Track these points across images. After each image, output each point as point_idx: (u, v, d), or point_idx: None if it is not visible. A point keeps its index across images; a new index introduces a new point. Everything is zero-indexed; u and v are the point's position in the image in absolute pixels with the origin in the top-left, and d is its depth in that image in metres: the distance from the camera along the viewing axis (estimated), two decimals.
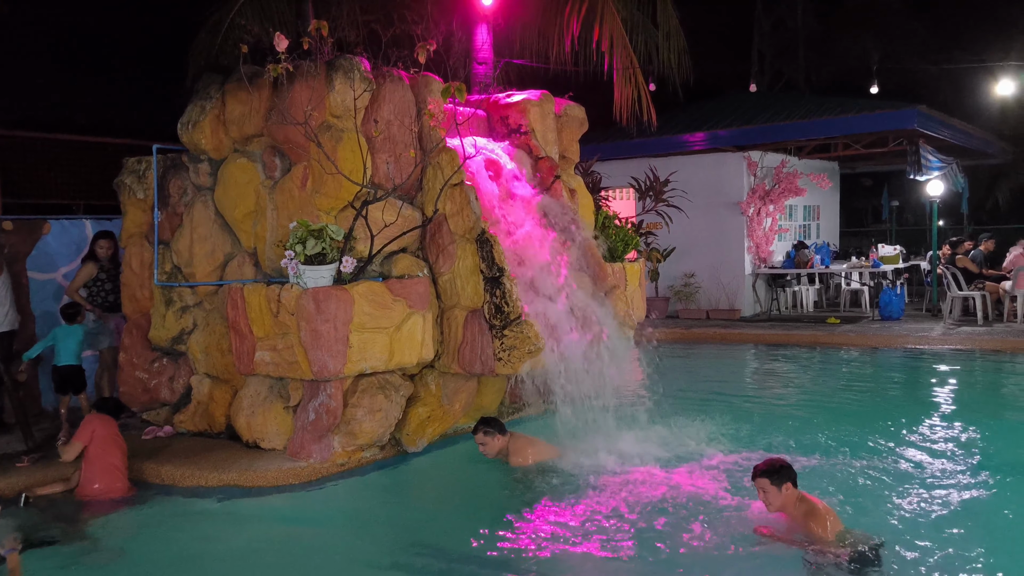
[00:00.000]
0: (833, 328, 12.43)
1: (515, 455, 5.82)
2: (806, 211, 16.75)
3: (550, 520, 4.87)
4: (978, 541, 4.46)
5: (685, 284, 14.48)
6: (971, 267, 13.09)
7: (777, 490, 4.32)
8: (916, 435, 6.70)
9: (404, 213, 6.05)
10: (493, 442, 5.83)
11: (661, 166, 13.79)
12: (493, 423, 5.90)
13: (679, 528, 4.67)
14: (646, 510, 4.94)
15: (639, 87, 9.40)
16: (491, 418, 6.02)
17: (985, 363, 9.97)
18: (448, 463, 6.31)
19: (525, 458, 5.78)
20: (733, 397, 8.63)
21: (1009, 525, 4.77)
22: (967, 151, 16.25)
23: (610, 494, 5.25)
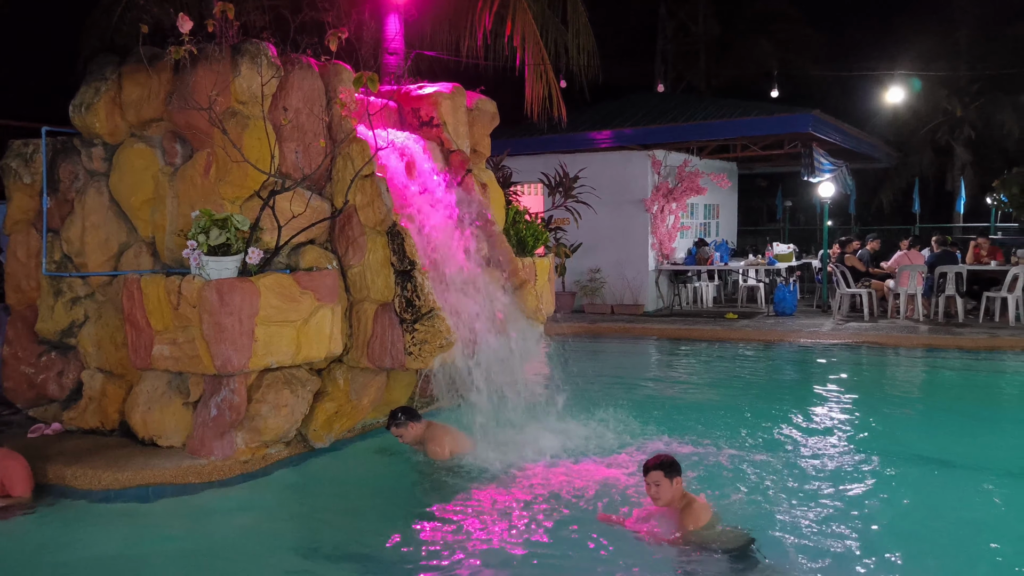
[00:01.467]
0: (731, 323, 12.89)
1: (432, 443, 5.79)
2: (707, 210, 17.29)
3: (460, 516, 4.87)
4: (860, 527, 4.71)
5: (591, 279, 14.72)
6: (859, 266, 13.81)
7: (670, 483, 4.44)
8: (805, 426, 7.03)
9: (313, 204, 5.92)
10: (408, 431, 5.79)
11: (570, 162, 13.97)
12: (406, 412, 5.86)
13: (590, 521, 4.75)
14: (557, 503, 5.00)
15: (550, 84, 9.49)
16: (404, 407, 5.96)
17: (870, 357, 10.54)
18: (356, 459, 6.23)
19: (442, 446, 5.76)
20: (638, 390, 8.85)
21: (890, 511, 5.05)
22: (856, 155, 17.13)
23: (520, 488, 5.29)
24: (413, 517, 4.84)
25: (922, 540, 4.54)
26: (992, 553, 4.40)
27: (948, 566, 4.25)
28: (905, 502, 5.18)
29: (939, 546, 4.48)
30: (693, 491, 4.62)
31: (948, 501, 5.24)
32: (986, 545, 4.50)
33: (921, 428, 7.27)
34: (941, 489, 5.51)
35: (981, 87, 23.71)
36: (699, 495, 4.60)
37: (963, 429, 7.12)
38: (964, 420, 7.49)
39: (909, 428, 7.23)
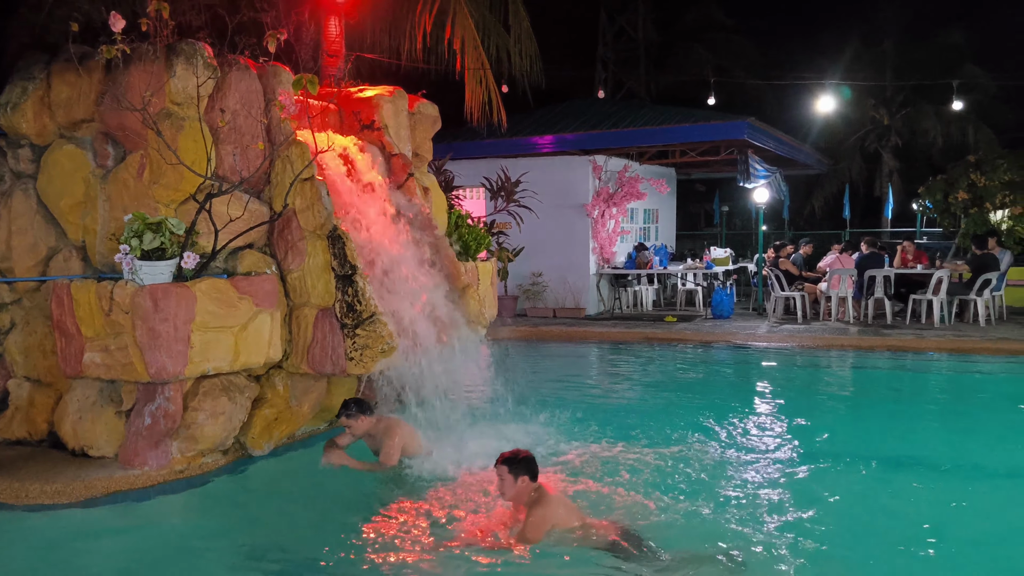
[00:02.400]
0: (670, 326, 13.10)
1: (386, 437, 5.72)
2: (646, 214, 17.56)
3: (402, 523, 4.84)
4: (788, 521, 4.84)
5: (533, 283, 14.80)
6: (792, 269, 14.19)
7: (512, 480, 4.49)
8: (741, 426, 7.19)
9: (251, 207, 5.83)
10: (358, 423, 5.72)
11: (512, 167, 14.03)
12: (358, 403, 5.78)
13: None
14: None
15: (490, 88, 9.53)
16: (357, 399, 5.89)
17: (804, 358, 10.84)
18: (296, 466, 6.13)
19: (393, 440, 5.67)
20: (580, 393, 8.93)
21: (820, 506, 5.20)
22: (789, 161, 17.60)
23: (462, 494, 5.28)
24: (354, 524, 4.80)
25: (850, 534, 4.68)
26: (922, 545, 4.56)
27: (877, 558, 4.39)
28: (836, 498, 5.34)
29: (867, 539, 4.63)
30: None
31: (877, 496, 5.42)
32: (916, 538, 4.66)
33: (851, 426, 7.50)
34: (870, 484, 5.70)
35: (907, 97, 24.61)
36: (555, 493, 4.63)
37: (891, 427, 7.37)
38: (892, 418, 7.75)
39: (839, 426, 7.45)
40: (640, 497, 5.14)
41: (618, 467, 5.78)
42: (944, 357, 10.64)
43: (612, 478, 5.53)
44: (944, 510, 5.16)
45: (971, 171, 15.65)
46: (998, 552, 4.50)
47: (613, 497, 5.16)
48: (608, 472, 5.66)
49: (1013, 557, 4.42)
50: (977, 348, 10.80)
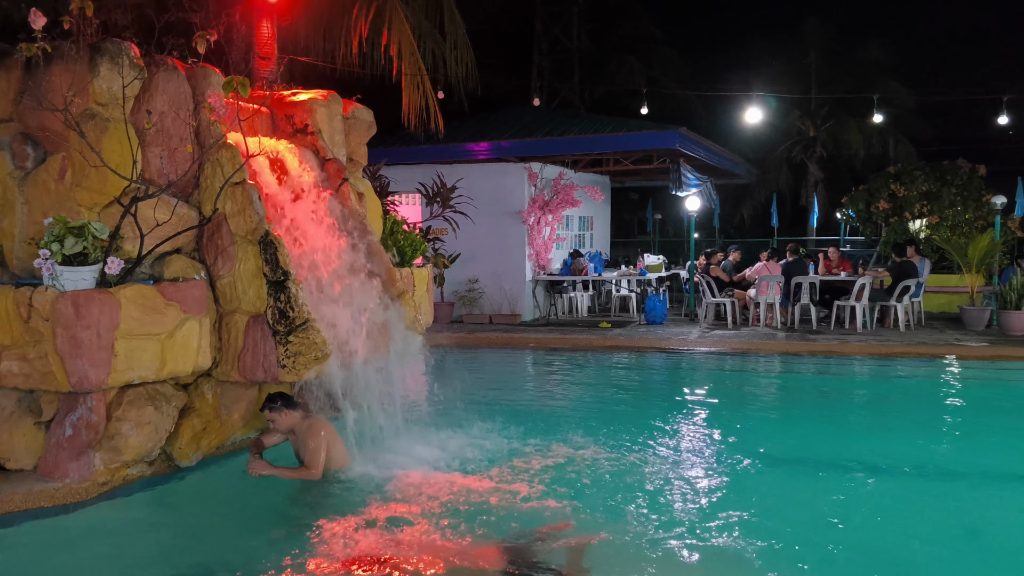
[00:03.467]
0: (605, 332, 13.26)
1: (308, 436, 5.62)
2: (581, 222, 17.74)
3: (333, 533, 4.76)
4: (717, 523, 4.95)
5: (469, 289, 14.80)
6: (723, 276, 14.52)
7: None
8: (674, 430, 7.33)
9: (179, 212, 5.68)
10: (282, 417, 5.63)
11: (448, 173, 14.02)
12: (283, 397, 5.67)
13: (470, 533, 4.75)
14: (438, 517, 4.97)
15: (427, 94, 9.51)
16: (282, 392, 5.78)
17: (733, 363, 11.10)
18: (225, 477, 5.98)
19: (317, 440, 5.57)
20: (517, 399, 8.96)
21: (747, 507, 5.32)
22: (719, 171, 18.01)
23: (399, 502, 5.24)
24: (284, 536, 4.71)
25: (775, 534, 4.81)
26: (849, 542, 4.71)
27: (800, 558, 4.51)
28: (766, 499, 5.47)
29: (791, 540, 4.75)
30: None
31: (801, 497, 5.58)
32: (838, 537, 4.81)
33: (779, 429, 7.71)
34: (796, 485, 5.86)
35: (831, 110, 25.51)
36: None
37: (816, 429, 7.61)
38: (817, 421, 8.00)
39: (768, 429, 7.65)
40: (574, 501, 5.19)
41: (552, 472, 5.81)
42: (866, 361, 11.02)
43: (546, 483, 5.56)
44: (864, 507, 5.34)
45: (891, 182, 16.29)
46: (929, 548, 4.67)
47: (547, 502, 5.19)
48: (542, 477, 5.69)
49: (937, 553, 4.60)
50: (897, 352, 11.22)
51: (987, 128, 15.68)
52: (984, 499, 5.56)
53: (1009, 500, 5.52)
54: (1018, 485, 5.85)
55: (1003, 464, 6.38)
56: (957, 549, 4.65)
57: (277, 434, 5.79)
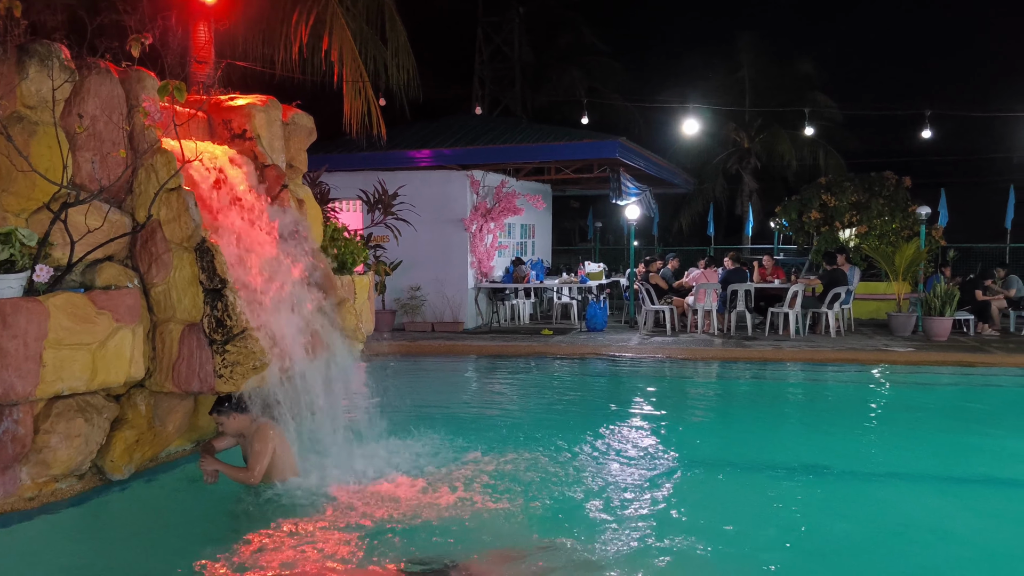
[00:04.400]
0: (547, 339, 13.34)
1: (256, 440, 5.53)
2: (523, 229, 17.83)
3: (273, 546, 4.69)
4: (653, 526, 5.04)
5: (412, 297, 14.73)
6: (661, 283, 14.77)
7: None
8: (614, 435, 7.41)
9: (111, 218, 5.53)
10: (231, 421, 5.56)
11: (389, 180, 13.95)
12: (229, 400, 5.58)
13: (412, 542, 4.73)
14: (378, 527, 4.95)
15: (369, 100, 9.45)
16: (228, 396, 5.67)
17: (672, 369, 11.29)
18: (159, 491, 5.84)
19: (265, 444, 5.49)
20: (459, 407, 8.95)
21: (690, 511, 5.43)
22: (658, 180, 18.33)
23: (339, 513, 5.19)
24: (220, 550, 4.61)
25: (715, 535, 4.91)
26: (780, 543, 4.84)
27: (741, 556, 4.62)
28: (696, 500, 5.59)
29: (731, 539, 4.86)
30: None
31: (739, 498, 5.71)
32: (777, 535, 4.94)
33: (716, 433, 7.87)
34: (734, 487, 6.00)
35: (764, 122, 26.19)
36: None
37: (751, 433, 7.79)
38: (753, 425, 8.19)
39: (704, 433, 7.81)
40: (513, 507, 5.21)
41: (492, 481, 5.82)
42: (799, 366, 11.34)
43: (485, 493, 5.56)
44: (799, 506, 5.49)
45: (822, 192, 16.80)
46: (857, 545, 4.83)
47: (486, 508, 5.20)
48: (482, 487, 5.69)
49: (866, 550, 4.76)
50: (828, 358, 11.57)
51: (911, 141, 16.29)
52: (909, 498, 5.77)
53: (932, 499, 5.74)
54: (940, 484, 6.08)
55: (926, 465, 6.63)
56: (886, 546, 4.82)
57: (227, 438, 5.71)
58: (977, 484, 6.07)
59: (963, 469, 6.47)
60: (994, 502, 5.70)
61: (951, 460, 6.75)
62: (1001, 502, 5.71)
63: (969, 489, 5.95)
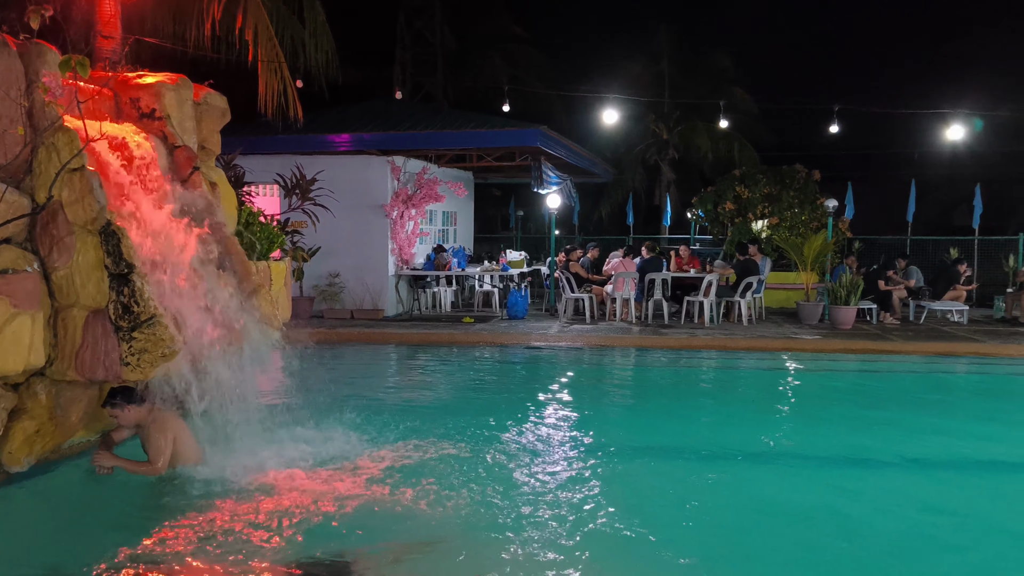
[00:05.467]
0: (468, 327, 13.34)
1: (155, 430, 5.39)
2: (445, 217, 17.75)
3: (185, 537, 4.56)
4: (570, 513, 5.12)
5: (330, 284, 14.50)
6: (581, 272, 14.94)
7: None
8: (534, 422, 7.48)
9: (9, 198, 5.24)
10: (125, 413, 5.40)
11: (307, 164, 13.67)
12: (124, 392, 5.41)
13: (314, 535, 4.66)
14: (281, 518, 4.86)
15: (285, 81, 9.22)
16: (124, 387, 5.47)
17: (592, 356, 11.45)
18: (62, 483, 5.60)
19: (165, 435, 5.35)
20: (378, 396, 8.87)
21: (606, 497, 5.53)
22: (579, 170, 18.51)
23: (253, 503, 5.08)
24: (121, 543, 4.45)
25: (633, 519, 5.01)
26: (690, 526, 4.98)
27: (659, 541, 4.73)
28: (613, 486, 5.70)
29: (649, 524, 4.98)
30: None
31: (656, 483, 5.85)
32: (688, 521, 5.08)
33: (633, 419, 8.04)
34: (650, 472, 6.14)
35: (682, 114, 26.74)
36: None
37: (666, 419, 7.98)
38: (667, 411, 8.39)
39: (622, 420, 7.96)
40: (424, 498, 5.20)
41: (407, 471, 5.79)
42: (713, 353, 11.66)
43: (406, 480, 5.54)
44: (711, 489, 5.66)
45: (736, 184, 17.28)
46: (766, 525, 5.00)
47: (396, 499, 5.18)
48: (403, 474, 5.67)
49: (774, 531, 4.94)
50: (740, 346, 11.94)
51: (821, 136, 16.90)
52: (816, 479, 6.01)
53: (835, 480, 6.00)
54: (845, 466, 6.36)
55: (832, 447, 6.92)
56: (793, 527, 5.01)
57: (126, 430, 5.52)
58: (879, 465, 6.37)
59: (865, 451, 6.77)
60: (895, 480, 6.00)
61: (854, 442, 7.06)
62: (898, 480, 6.01)
63: (871, 469, 6.24)
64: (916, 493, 5.71)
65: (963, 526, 5.06)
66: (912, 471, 6.24)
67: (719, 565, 4.42)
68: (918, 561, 4.53)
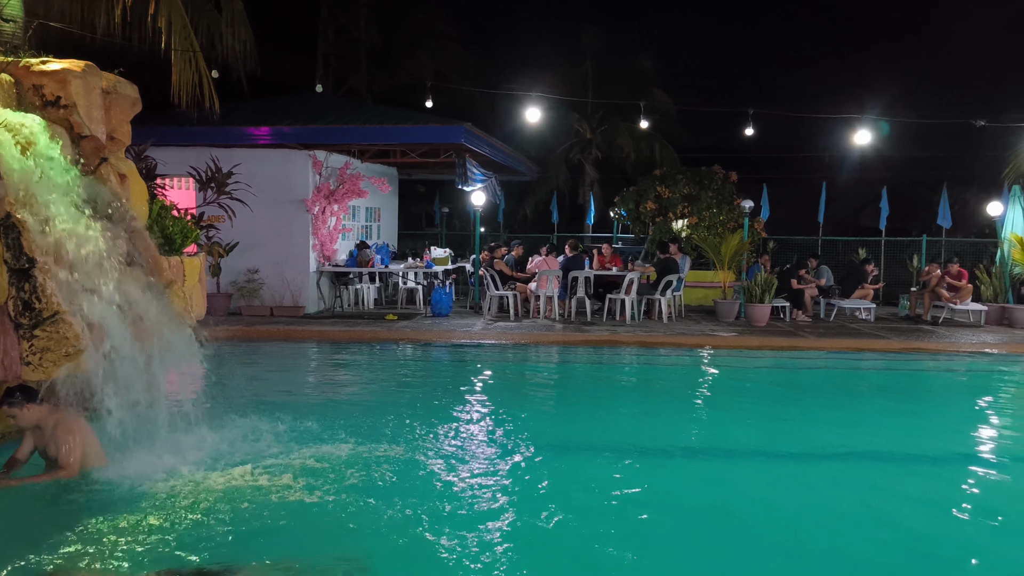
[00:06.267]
0: (391, 324, 13.21)
1: (61, 430, 5.17)
2: (368, 212, 17.53)
3: (88, 543, 4.38)
4: (494, 508, 5.13)
5: (249, 280, 14.15)
6: (506, 270, 14.97)
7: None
8: (456, 420, 7.47)
9: None
10: (24, 413, 5.14)
11: (225, 157, 13.30)
12: (23, 390, 5.15)
13: (245, 536, 4.55)
14: (206, 519, 4.72)
15: (200, 71, 8.93)
16: (23, 385, 5.20)
17: (516, 354, 11.49)
18: None
19: (72, 435, 5.12)
20: (295, 395, 8.70)
21: (530, 493, 5.56)
22: (504, 167, 18.54)
23: (161, 505, 4.91)
24: (32, 550, 4.25)
25: (557, 516, 5.05)
26: (613, 519, 5.04)
27: (585, 536, 4.78)
28: (538, 483, 5.73)
29: (574, 520, 5.02)
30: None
31: (580, 478, 5.90)
32: (608, 514, 5.14)
33: (555, 416, 8.10)
34: (574, 468, 6.19)
35: (605, 114, 27.09)
36: None
37: (590, 415, 8.07)
38: (591, 407, 8.49)
39: (545, 417, 8.01)
40: (333, 502, 5.12)
41: (326, 471, 5.70)
42: (634, 350, 11.85)
43: (319, 483, 5.44)
44: (635, 484, 5.75)
45: (657, 184, 17.60)
46: (682, 518, 5.10)
47: (302, 503, 5.10)
48: (316, 476, 5.56)
49: (688, 522, 5.05)
50: (660, 342, 12.17)
51: (738, 138, 17.34)
52: (730, 473, 6.18)
53: (749, 473, 6.17)
54: (757, 460, 6.55)
55: (746, 441, 7.12)
56: (707, 518, 5.13)
57: (29, 443, 5.25)
58: (791, 457, 6.58)
59: (780, 444, 6.99)
60: (808, 470, 6.21)
61: (768, 435, 7.28)
62: (810, 470, 6.23)
63: (787, 461, 6.45)
64: (813, 482, 5.93)
65: (860, 515, 5.27)
66: (812, 463, 6.47)
67: (646, 559, 4.49)
68: (803, 550, 4.70)
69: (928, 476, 6.22)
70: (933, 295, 14.93)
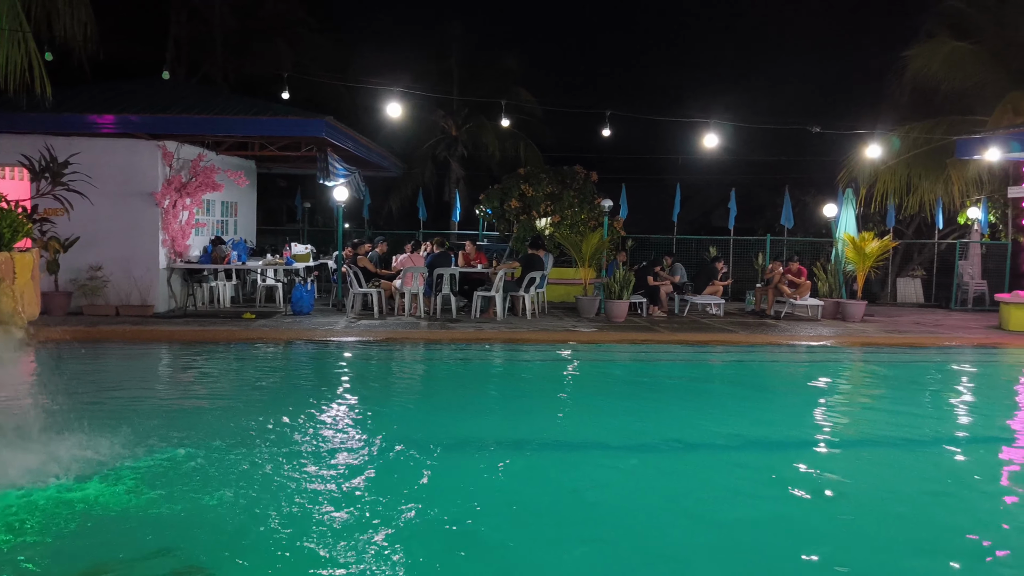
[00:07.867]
0: (249, 323, 12.74)
1: None
2: (224, 207, 16.82)
3: None
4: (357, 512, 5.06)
5: (91, 277, 13.26)
6: (369, 267, 14.76)
7: None
8: (318, 422, 7.29)
9: None
10: None
11: (63, 146, 12.42)
12: None
13: (92, 546, 4.26)
14: (47, 529, 4.39)
15: (31, 54, 8.26)
16: None
17: (380, 351, 11.34)
18: None
19: None
20: (141, 399, 8.22)
21: (397, 494, 5.50)
22: (368, 162, 18.25)
23: None
24: None
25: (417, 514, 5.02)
26: (480, 513, 5.07)
27: (451, 532, 4.77)
28: (405, 482, 5.68)
29: (441, 517, 5.00)
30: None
31: (446, 475, 5.89)
32: (476, 509, 5.16)
33: (421, 413, 8.05)
34: (439, 466, 6.17)
35: (471, 111, 27.20)
36: None
37: (455, 412, 8.08)
38: (456, 404, 8.50)
39: (410, 414, 7.94)
40: (185, 510, 4.91)
41: (173, 479, 5.44)
42: (499, 346, 11.97)
43: (167, 490, 5.19)
44: (499, 479, 5.80)
45: (521, 183, 17.84)
46: (540, 510, 5.19)
47: (156, 522, 4.85)
48: (163, 484, 5.30)
49: (547, 512, 5.14)
50: (524, 338, 12.35)
51: (598, 139, 17.82)
52: (586, 463, 6.34)
53: (602, 463, 6.36)
54: (610, 451, 6.76)
55: (598, 433, 7.34)
56: (567, 507, 5.25)
57: None
58: (646, 449, 6.83)
59: (639, 437, 7.24)
60: (664, 461, 6.47)
61: (627, 428, 7.53)
62: (674, 462, 6.49)
63: (645, 454, 6.69)
64: (663, 472, 6.20)
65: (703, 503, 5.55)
66: (684, 450, 6.77)
67: (518, 550, 4.53)
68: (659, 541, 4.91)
69: (771, 458, 6.61)
70: (776, 291, 15.93)
